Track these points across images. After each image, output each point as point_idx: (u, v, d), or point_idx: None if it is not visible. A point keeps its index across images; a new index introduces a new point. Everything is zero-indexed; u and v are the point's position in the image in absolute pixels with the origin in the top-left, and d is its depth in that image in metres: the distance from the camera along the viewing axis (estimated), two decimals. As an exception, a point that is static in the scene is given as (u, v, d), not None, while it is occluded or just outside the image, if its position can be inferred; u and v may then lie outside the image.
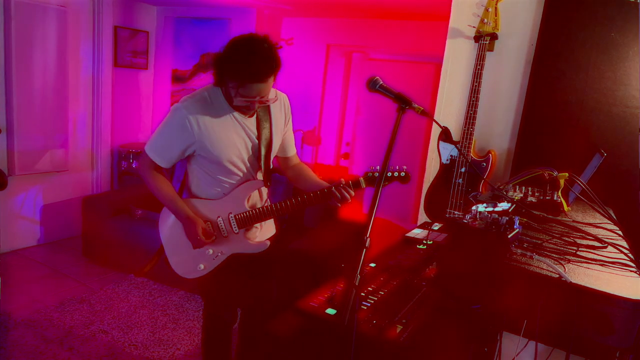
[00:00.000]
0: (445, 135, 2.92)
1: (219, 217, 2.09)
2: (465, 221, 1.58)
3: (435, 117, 3.10)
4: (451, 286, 1.61)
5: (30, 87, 4.29)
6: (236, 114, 2.01)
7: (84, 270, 4.26)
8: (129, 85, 5.46)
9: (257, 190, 2.15)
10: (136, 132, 5.66)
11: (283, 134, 2.23)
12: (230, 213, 2.09)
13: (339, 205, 2.05)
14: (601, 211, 1.94)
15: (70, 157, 4.81)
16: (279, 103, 2.15)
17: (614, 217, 1.95)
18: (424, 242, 2.21)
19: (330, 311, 1.50)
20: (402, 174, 2.07)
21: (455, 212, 2.83)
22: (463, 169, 2.83)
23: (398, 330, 1.43)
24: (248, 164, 2.10)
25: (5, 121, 4.20)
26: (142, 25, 5.45)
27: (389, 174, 2.06)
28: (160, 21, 5.62)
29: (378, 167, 2.03)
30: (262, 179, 2.16)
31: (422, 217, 3.14)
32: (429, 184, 3.04)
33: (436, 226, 2.50)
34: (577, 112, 2.65)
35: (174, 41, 5.58)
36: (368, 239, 1.34)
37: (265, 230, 2.29)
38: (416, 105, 1.60)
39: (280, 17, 5.42)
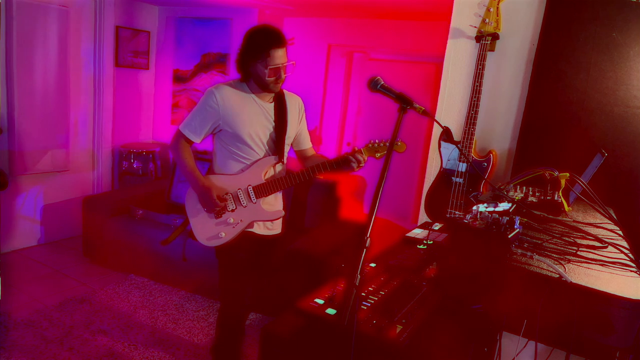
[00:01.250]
0: (446, 135, 2.92)
1: (239, 189, 2.36)
2: (465, 221, 1.58)
3: (436, 117, 3.10)
4: (451, 286, 1.60)
5: (32, 87, 4.30)
6: (256, 98, 2.35)
7: (84, 270, 4.26)
8: (130, 85, 5.47)
9: (272, 166, 2.41)
10: (137, 132, 5.67)
11: (297, 127, 2.53)
12: (249, 185, 2.36)
13: (355, 168, 2.31)
14: (602, 211, 1.94)
15: (71, 157, 4.81)
16: (294, 102, 2.51)
17: (615, 217, 1.95)
18: (424, 242, 2.21)
19: (330, 311, 1.50)
20: (399, 143, 2.27)
21: (456, 212, 2.82)
22: (463, 168, 2.83)
23: (398, 330, 1.42)
24: (265, 144, 2.38)
25: (6, 121, 4.20)
26: (143, 25, 5.46)
27: (387, 143, 2.29)
28: (161, 21, 5.63)
29: (377, 140, 2.32)
30: (278, 157, 2.42)
31: (423, 217, 3.14)
32: (430, 184, 3.04)
33: (436, 226, 2.50)
34: (578, 112, 2.65)
35: (175, 41, 5.59)
36: (368, 239, 1.34)
37: (277, 204, 2.53)
38: (417, 105, 1.60)
39: (282, 17, 5.42)
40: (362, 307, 1.54)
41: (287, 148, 2.49)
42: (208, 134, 2.39)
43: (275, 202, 2.51)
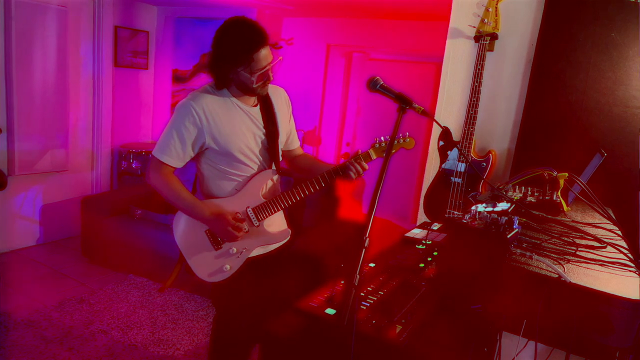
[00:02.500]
0: (445, 135, 2.93)
1: (237, 213, 2.05)
2: (464, 221, 1.58)
3: (436, 117, 3.10)
4: (451, 286, 1.61)
5: (31, 87, 4.29)
6: (240, 103, 2.02)
7: (83, 270, 4.25)
8: (129, 85, 5.46)
9: (270, 180, 2.13)
10: (136, 132, 5.66)
11: (288, 127, 2.24)
12: (248, 207, 2.06)
13: (354, 178, 2.05)
14: (600, 211, 1.94)
15: (70, 157, 4.81)
16: (280, 97, 2.18)
17: (614, 217, 1.95)
18: (424, 242, 2.21)
19: (330, 311, 1.50)
20: (407, 140, 2.08)
21: (455, 212, 2.83)
22: (462, 168, 2.83)
23: (398, 330, 1.43)
24: (259, 155, 2.08)
25: (5, 121, 4.20)
26: (142, 25, 5.45)
27: (395, 141, 2.06)
28: (160, 21, 5.62)
29: (383, 138, 2.07)
30: (274, 168, 2.14)
31: (422, 217, 3.14)
32: (429, 184, 3.04)
33: (436, 226, 2.50)
34: (577, 112, 2.65)
35: (174, 41, 5.58)
36: (367, 239, 1.34)
37: (282, 222, 2.28)
38: (416, 105, 1.60)
39: (281, 17, 5.42)
40: (362, 307, 1.54)
41: (280, 153, 2.20)
42: (193, 155, 2.03)
43: (280, 221, 2.24)
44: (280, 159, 2.20)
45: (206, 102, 1.95)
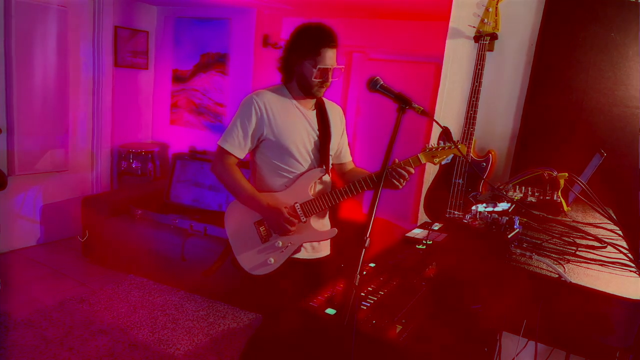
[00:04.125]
0: (445, 135, 2.92)
1: (285, 207, 2.11)
2: (465, 221, 1.58)
3: (435, 117, 3.10)
4: (451, 286, 1.61)
5: (31, 87, 4.29)
6: (298, 105, 2.16)
7: (83, 270, 4.25)
8: (129, 85, 5.46)
9: (319, 179, 2.20)
10: (136, 132, 5.66)
11: (340, 139, 2.36)
12: (296, 202, 2.13)
13: (400, 186, 2.10)
14: (601, 211, 1.94)
15: (70, 157, 4.81)
16: (336, 111, 2.34)
17: (614, 217, 1.95)
18: (424, 242, 2.21)
19: (330, 311, 1.50)
20: (459, 145, 2.10)
21: (455, 212, 2.83)
22: (462, 168, 2.83)
23: (398, 330, 1.42)
24: (311, 154, 2.18)
25: (5, 121, 4.20)
26: (142, 25, 5.45)
27: (452, 145, 2.07)
28: (160, 21, 5.62)
29: (436, 143, 2.09)
30: (324, 168, 2.21)
31: (422, 217, 3.14)
32: (429, 184, 3.04)
33: (436, 226, 2.50)
34: (577, 112, 2.65)
35: (174, 41, 5.58)
36: (368, 239, 1.34)
37: (327, 222, 2.34)
38: (416, 105, 1.60)
39: (281, 17, 5.42)
40: (362, 307, 1.54)
41: (331, 159, 2.29)
42: (252, 147, 2.15)
43: (325, 221, 2.30)
44: (331, 164, 2.28)
45: (267, 98, 2.11)
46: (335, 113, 2.32)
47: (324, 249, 2.32)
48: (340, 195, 2.14)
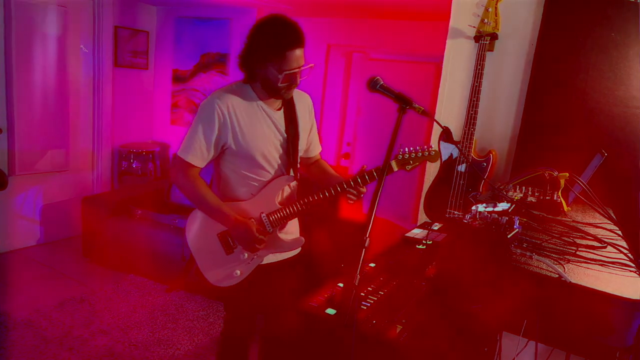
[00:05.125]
0: (446, 135, 2.92)
1: (251, 219, 1.98)
2: (465, 221, 1.58)
3: (436, 117, 3.09)
4: (451, 286, 1.61)
5: (31, 87, 4.30)
6: (264, 106, 1.98)
7: (83, 270, 4.25)
8: (129, 85, 5.46)
9: (287, 187, 2.08)
10: (136, 132, 5.66)
11: (309, 134, 2.21)
12: (262, 213, 2.00)
13: (354, 199, 2.00)
14: (601, 211, 1.94)
15: (71, 157, 4.81)
16: (304, 103, 2.15)
17: (614, 217, 1.95)
18: (424, 242, 2.21)
19: (330, 311, 1.50)
20: (433, 152, 1.99)
21: (455, 212, 2.83)
22: (463, 168, 2.83)
23: (398, 330, 1.43)
24: (278, 160, 2.03)
25: (5, 121, 4.20)
26: (142, 25, 5.45)
27: (420, 154, 1.99)
28: (160, 21, 5.62)
29: (407, 149, 1.99)
30: (292, 174, 2.08)
31: (422, 217, 3.14)
32: (429, 184, 3.04)
33: (436, 226, 2.50)
34: (577, 112, 2.65)
35: (174, 41, 5.58)
36: (368, 239, 1.34)
37: (295, 230, 2.24)
38: (417, 105, 1.60)
39: (281, 17, 5.42)
40: (362, 307, 1.54)
41: (299, 162, 2.14)
42: (216, 155, 1.98)
43: (293, 229, 2.19)
44: (299, 165, 2.14)
45: (231, 101, 1.92)
46: (303, 105, 2.13)
47: (290, 251, 2.21)
48: (308, 205, 2.01)
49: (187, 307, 3.71)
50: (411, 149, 1.99)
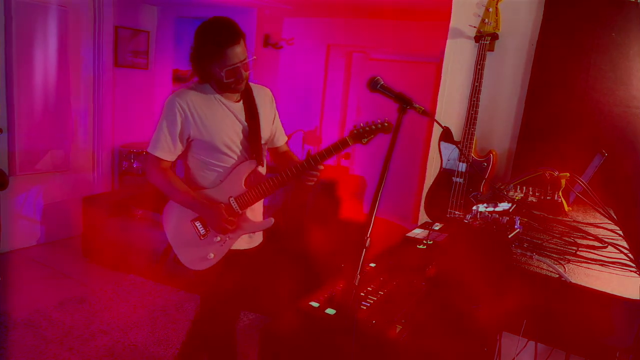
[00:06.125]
0: (446, 135, 2.92)
1: (220, 203, 2.13)
2: (465, 221, 1.58)
3: (436, 117, 3.10)
4: (451, 286, 1.61)
5: (31, 87, 4.29)
6: (222, 99, 2.13)
7: (83, 270, 4.25)
8: (130, 85, 5.46)
9: (251, 171, 2.21)
10: (137, 132, 5.66)
11: (272, 125, 2.33)
12: (230, 197, 2.15)
13: (314, 179, 2.14)
14: (602, 211, 1.94)
15: (71, 157, 4.81)
16: (265, 96, 2.28)
17: (615, 217, 1.95)
18: (425, 242, 2.21)
19: (330, 311, 1.50)
20: (386, 124, 2.07)
21: (456, 212, 2.82)
22: (463, 168, 2.83)
23: (398, 330, 1.42)
24: (240, 146, 2.17)
25: (6, 121, 4.20)
26: (142, 25, 5.45)
27: (374, 126, 2.09)
28: (160, 21, 5.62)
29: (361, 124, 2.09)
30: (255, 160, 2.23)
31: (423, 217, 3.14)
32: (430, 184, 3.04)
33: (437, 226, 2.50)
34: (577, 112, 2.65)
35: (174, 41, 5.58)
36: (368, 239, 1.34)
37: (259, 212, 2.36)
38: (417, 105, 1.60)
39: (281, 17, 5.42)
40: (362, 307, 1.54)
41: (264, 148, 2.29)
42: (183, 148, 2.14)
43: (258, 211, 2.34)
44: (264, 153, 2.29)
45: (190, 97, 2.08)
46: (263, 97, 2.27)
47: (258, 238, 2.36)
48: (270, 187, 2.16)
49: (187, 307, 3.71)
50: (365, 122, 2.09)
